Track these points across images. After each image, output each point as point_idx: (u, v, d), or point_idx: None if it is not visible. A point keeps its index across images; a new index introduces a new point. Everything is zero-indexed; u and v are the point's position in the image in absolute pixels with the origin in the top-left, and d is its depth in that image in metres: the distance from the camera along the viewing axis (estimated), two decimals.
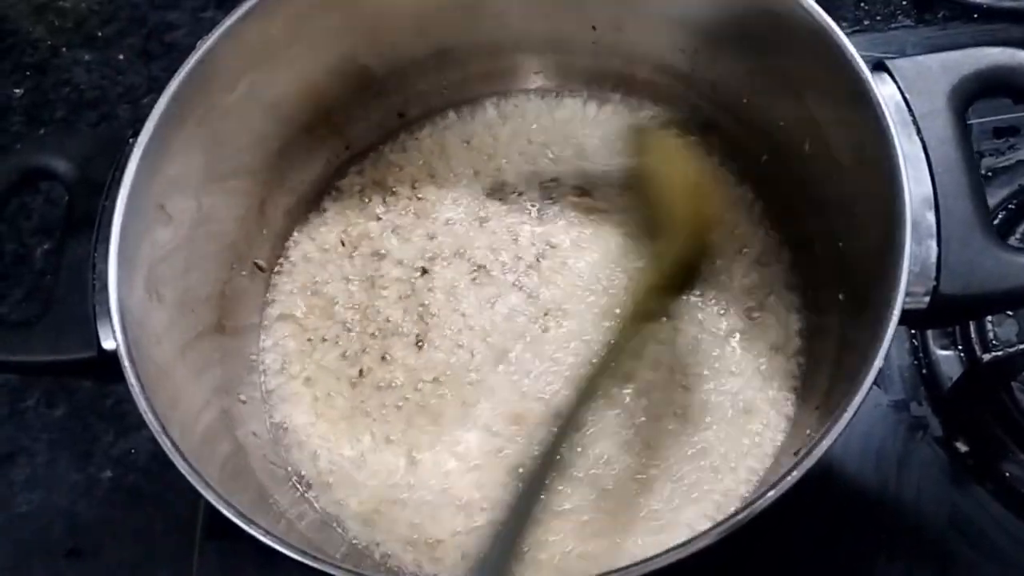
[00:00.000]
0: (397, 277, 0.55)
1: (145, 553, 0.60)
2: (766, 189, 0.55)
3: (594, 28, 0.55)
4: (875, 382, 0.38)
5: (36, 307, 0.66)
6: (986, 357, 0.53)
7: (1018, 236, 0.59)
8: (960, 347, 0.57)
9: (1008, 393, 0.55)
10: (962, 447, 0.55)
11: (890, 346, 0.37)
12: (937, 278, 0.39)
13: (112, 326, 0.41)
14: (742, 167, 0.56)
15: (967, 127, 0.41)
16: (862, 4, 0.70)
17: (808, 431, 0.47)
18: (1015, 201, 0.60)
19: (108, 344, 0.42)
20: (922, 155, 0.41)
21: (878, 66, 0.43)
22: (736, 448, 0.49)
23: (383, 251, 0.56)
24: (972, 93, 0.42)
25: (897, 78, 0.42)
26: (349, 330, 0.54)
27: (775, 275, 0.53)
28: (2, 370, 0.44)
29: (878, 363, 0.37)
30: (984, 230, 0.39)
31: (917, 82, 0.42)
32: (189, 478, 0.38)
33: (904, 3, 0.70)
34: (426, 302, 0.54)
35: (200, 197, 0.48)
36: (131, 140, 0.46)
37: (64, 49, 0.79)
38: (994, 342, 0.55)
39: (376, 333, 0.54)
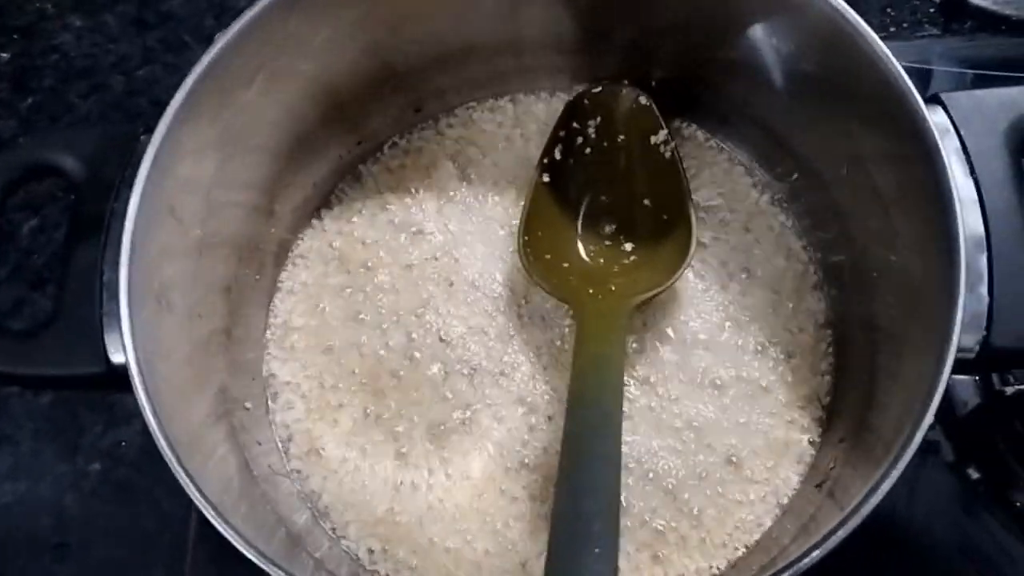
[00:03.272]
0: (408, 280, 0.53)
1: (136, 550, 0.58)
2: (794, 205, 0.53)
3: (621, 29, 0.52)
4: None
5: (22, 288, 0.64)
6: (1008, 390, 0.52)
7: None
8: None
9: (1023, 422, 0.54)
10: (974, 474, 0.55)
11: None
12: (988, 328, 0.38)
13: (122, 339, 0.39)
14: (768, 180, 0.54)
15: (1022, 168, 0.40)
16: (888, 10, 0.68)
17: (832, 465, 0.46)
18: None
19: (117, 358, 0.40)
20: (975, 195, 0.39)
21: (932, 99, 0.41)
22: (755, 476, 0.48)
23: (393, 253, 0.54)
24: None
25: (952, 112, 0.41)
26: (358, 335, 0.52)
27: (797, 290, 0.52)
28: (6, 381, 0.42)
29: (927, 423, 0.35)
30: None
31: (973, 117, 0.40)
32: (206, 512, 0.37)
33: (931, 11, 0.68)
34: (440, 308, 0.52)
35: (210, 197, 0.46)
36: (142, 137, 0.44)
37: (53, 13, 0.75)
38: (1009, 375, 0.54)
39: (387, 340, 0.52)
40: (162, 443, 0.37)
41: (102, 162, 0.43)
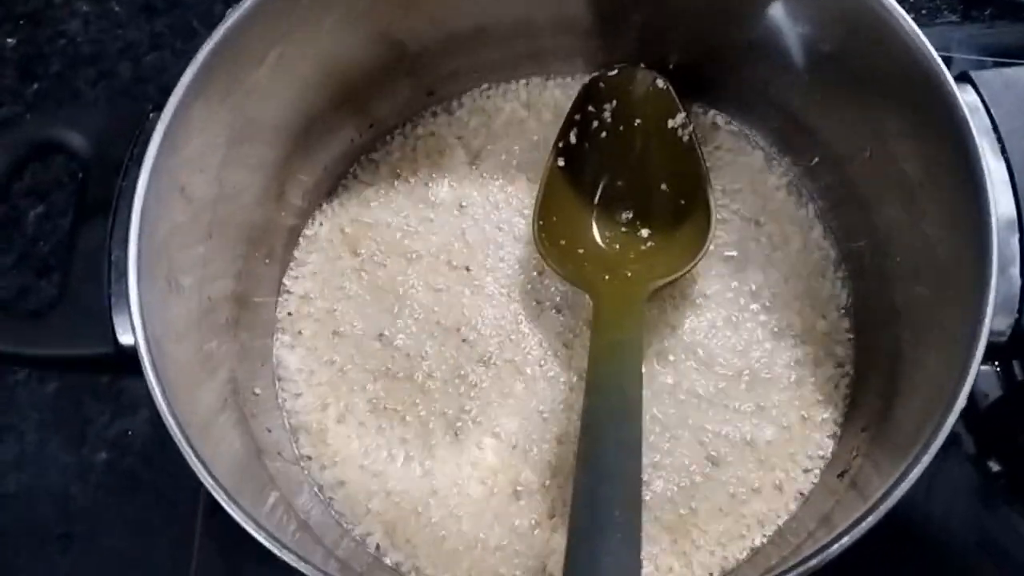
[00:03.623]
0: (420, 267, 0.52)
1: (142, 541, 0.58)
2: (815, 188, 0.52)
3: (636, 10, 0.52)
4: None
5: (28, 276, 0.63)
6: None
7: None
8: (998, 364, 0.55)
9: None
10: (995, 467, 0.54)
11: None
12: (1020, 311, 0.37)
13: (131, 320, 0.38)
14: (788, 164, 0.53)
15: None
16: None
17: (854, 453, 0.45)
18: None
19: (125, 339, 0.39)
20: (1006, 176, 0.38)
21: (961, 76, 0.40)
22: (774, 464, 0.47)
23: (405, 239, 0.53)
24: None
25: (982, 90, 0.40)
26: (368, 322, 0.51)
27: (817, 276, 0.51)
28: (14, 363, 0.41)
29: (959, 407, 0.34)
30: None
31: (1004, 96, 0.39)
32: (216, 495, 0.36)
33: None
34: (453, 295, 0.51)
35: (220, 177, 0.45)
36: (151, 115, 0.43)
37: None
38: None
39: (398, 327, 0.51)
40: (171, 423, 0.36)
41: (110, 140, 0.42)
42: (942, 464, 0.54)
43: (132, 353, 0.38)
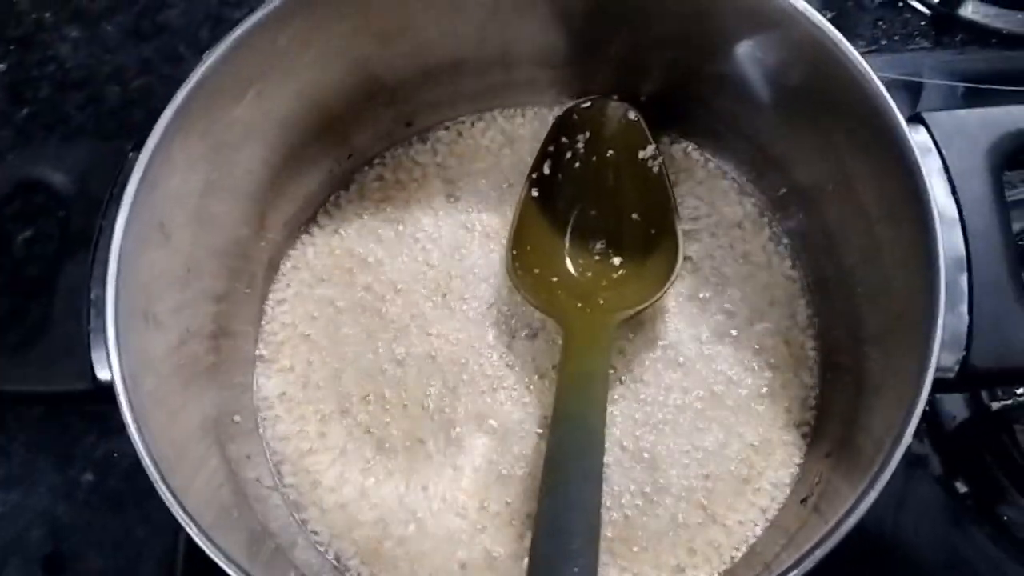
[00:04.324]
0: (397, 295, 0.53)
1: (128, 561, 0.59)
2: (781, 219, 0.54)
3: (611, 44, 0.53)
4: None
5: (17, 299, 0.65)
6: (995, 405, 0.52)
7: None
8: None
9: (1010, 436, 0.55)
10: (962, 487, 0.55)
11: None
12: (967, 348, 0.38)
13: (108, 358, 0.39)
14: (755, 194, 0.55)
15: (1003, 188, 0.40)
16: (880, 23, 0.68)
17: (817, 479, 0.46)
18: None
19: (104, 375, 0.40)
20: (956, 214, 0.40)
21: (914, 118, 0.41)
22: (739, 490, 0.48)
23: (383, 267, 0.54)
24: (1012, 152, 0.40)
25: (934, 132, 0.41)
26: (346, 350, 0.52)
27: (784, 305, 0.52)
28: None
29: (905, 441, 0.36)
30: (1019, 298, 0.38)
31: (955, 137, 0.41)
32: (189, 530, 0.37)
33: (922, 24, 0.68)
34: (428, 323, 0.52)
35: (200, 212, 0.46)
36: (131, 153, 0.44)
37: (50, 23, 0.75)
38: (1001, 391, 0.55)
39: (376, 355, 0.52)
40: (147, 461, 0.37)
41: (91, 178, 0.43)
42: (910, 485, 0.55)
43: (111, 389, 0.39)
